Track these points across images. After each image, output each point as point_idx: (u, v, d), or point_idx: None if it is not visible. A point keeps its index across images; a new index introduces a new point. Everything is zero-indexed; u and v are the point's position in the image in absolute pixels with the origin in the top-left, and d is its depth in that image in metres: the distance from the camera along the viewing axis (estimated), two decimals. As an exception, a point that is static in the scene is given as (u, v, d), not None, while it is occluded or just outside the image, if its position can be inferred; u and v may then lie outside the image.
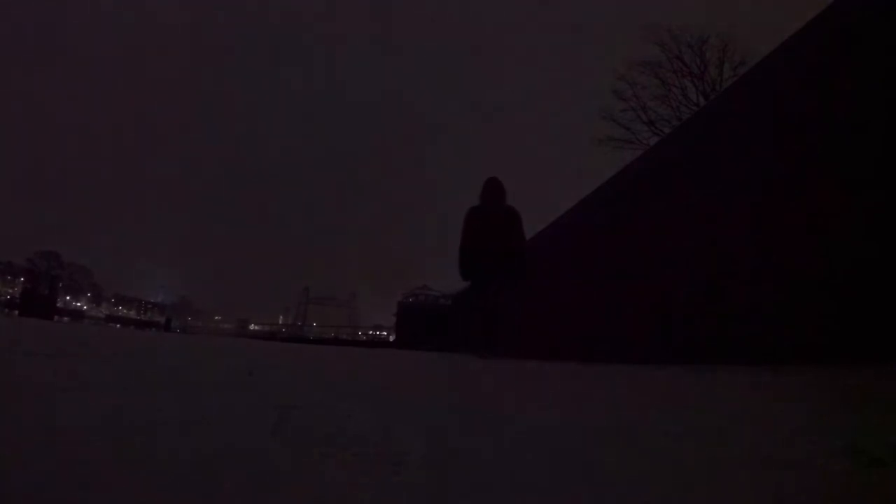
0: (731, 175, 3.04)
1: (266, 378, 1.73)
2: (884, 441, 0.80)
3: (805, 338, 2.36)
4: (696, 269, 3.18)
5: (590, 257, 4.83)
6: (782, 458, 0.68)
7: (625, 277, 3.99)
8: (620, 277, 4.06)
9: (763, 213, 2.77)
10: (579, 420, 1.02)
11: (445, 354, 4.81)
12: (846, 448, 0.73)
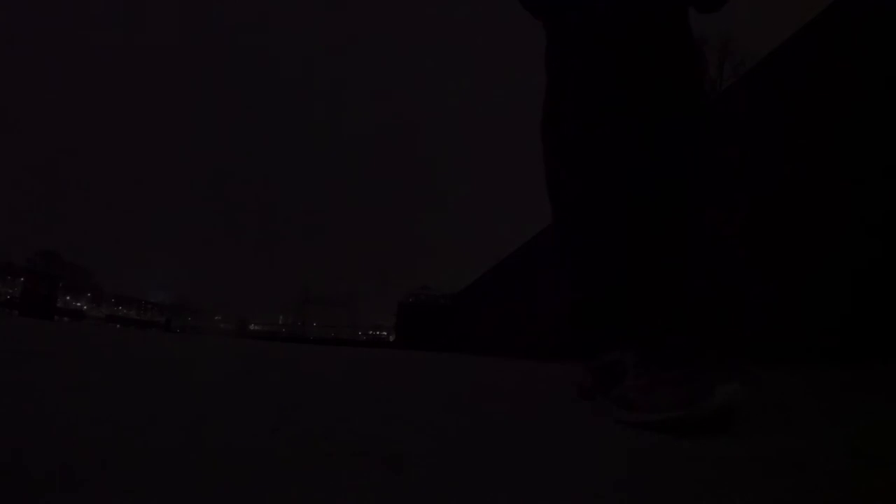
0: (731, 174, 3.04)
1: (266, 378, 1.73)
2: (884, 441, 0.80)
3: (805, 337, 2.36)
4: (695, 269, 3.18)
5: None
6: (781, 458, 0.68)
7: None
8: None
9: (763, 212, 2.77)
10: (582, 420, 1.02)
11: (453, 355, 4.77)
12: (846, 448, 0.73)
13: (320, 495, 0.50)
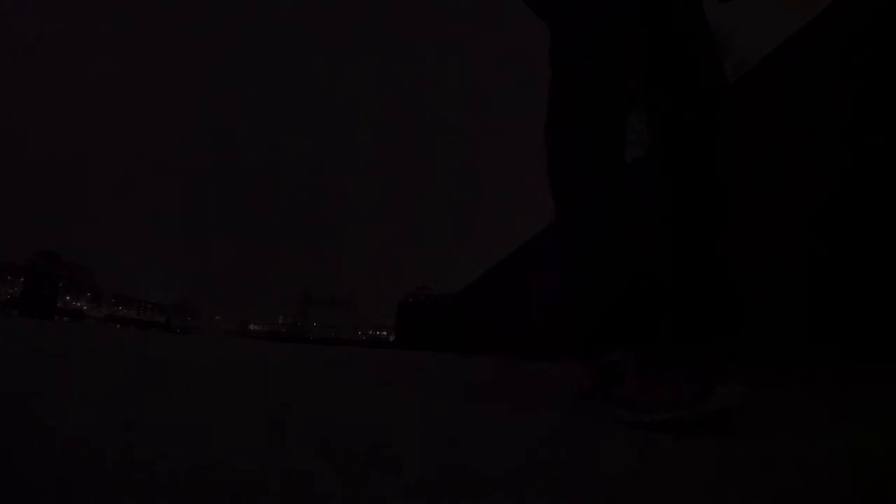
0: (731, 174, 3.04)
1: (266, 378, 1.73)
2: (884, 441, 0.80)
3: (806, 337, 2.36)
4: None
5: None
6: (781, 458, 0.68)
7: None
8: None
9: (763, 212, 2.77)
10: (582, 420, 1.02)
11: (453, 355, 4.76)
12: (846, 448, 0.73)
13: (320, 495, 0.50)
